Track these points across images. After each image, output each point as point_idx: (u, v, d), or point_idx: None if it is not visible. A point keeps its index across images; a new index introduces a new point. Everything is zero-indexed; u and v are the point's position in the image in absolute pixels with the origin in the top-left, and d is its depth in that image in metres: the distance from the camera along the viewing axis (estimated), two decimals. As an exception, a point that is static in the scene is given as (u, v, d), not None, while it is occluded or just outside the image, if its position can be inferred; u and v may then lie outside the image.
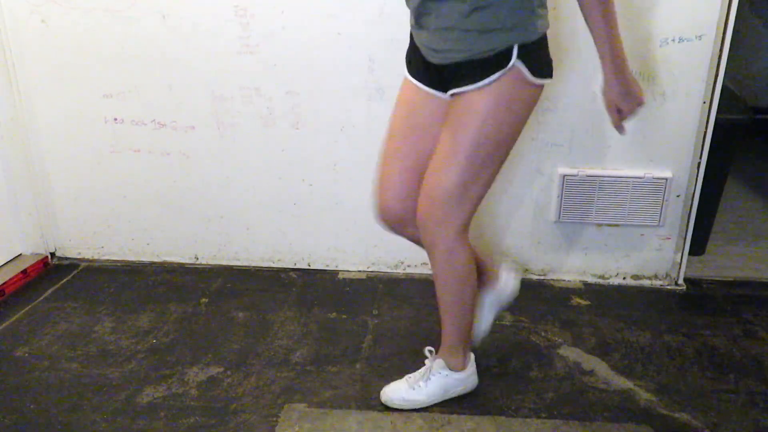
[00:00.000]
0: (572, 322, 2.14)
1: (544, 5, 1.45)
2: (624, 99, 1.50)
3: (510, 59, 1.40)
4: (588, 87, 2.14)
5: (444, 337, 1.70)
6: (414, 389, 1.70)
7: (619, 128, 1.57)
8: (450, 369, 1.71)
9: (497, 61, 1.41)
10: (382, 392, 1.72)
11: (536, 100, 1.51)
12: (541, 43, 1.46)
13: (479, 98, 1.44)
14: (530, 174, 2.28)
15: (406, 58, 1.62)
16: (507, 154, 1.53)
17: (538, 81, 1.46)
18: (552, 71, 1.51)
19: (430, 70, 1.52)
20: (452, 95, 1.48)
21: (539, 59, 1.46)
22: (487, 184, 1.53)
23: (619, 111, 1.53)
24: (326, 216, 2.42)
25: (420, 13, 1.44)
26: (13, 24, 2.23)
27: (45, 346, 1.98)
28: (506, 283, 1.84)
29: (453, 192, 1.49)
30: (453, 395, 1.73)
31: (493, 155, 1.50)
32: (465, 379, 1.74)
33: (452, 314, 1.66)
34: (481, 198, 1.55)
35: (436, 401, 1.71)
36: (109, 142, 2.36)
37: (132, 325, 2.09)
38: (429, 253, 1.61)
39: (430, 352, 1.75)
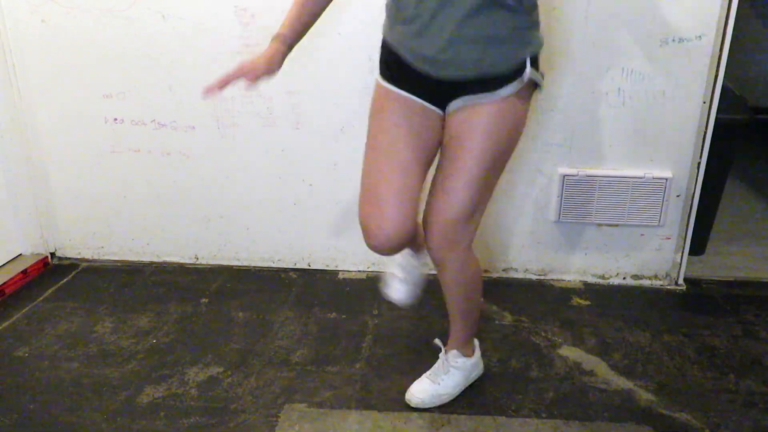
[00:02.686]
0: (572, 322, 2.14)
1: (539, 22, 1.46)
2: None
3: (523, 71, 1.41)
4: (587, 87, 2.14)
5: (456, 334, 1.74)
6: (439, 384, 1.72)
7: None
8: (465, 356, 1.75)
9: (513, 74, 1.41)
10: (409, 396, 1.71)
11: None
12: (539, 57, 1.48)
13: (495, 111, 1.41)
14: (530, 174, 2.28)
15: (390, 71, 1.49)
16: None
17: (540, 92, 1.49)
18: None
19: (424, 84, 1.44)
20: (456, 108, 1.44)
21: (540, 71, 1.47)
22: (491, 195, 1.54)
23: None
24: (326, 216, 2.42)
25: (433, 21, 1.34)
26: (13, 24, 2.23)
27: (45, 346, 1.98)
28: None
29: (468, 212, 1.48)
30: (473, 380, 1.79)
31: (501, 168, 1.51)
32: (478, 361, 1.81)
33: (466, 315, 1.69)
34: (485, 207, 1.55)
35: (460, 390, 1.75)
36: (109, 142, 2.36)
37: (132, 325, 2.09)
38: (440, 268, 1.59)
39: (439, 347, 1.76)
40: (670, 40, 2.07)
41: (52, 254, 2.54)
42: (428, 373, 1.75)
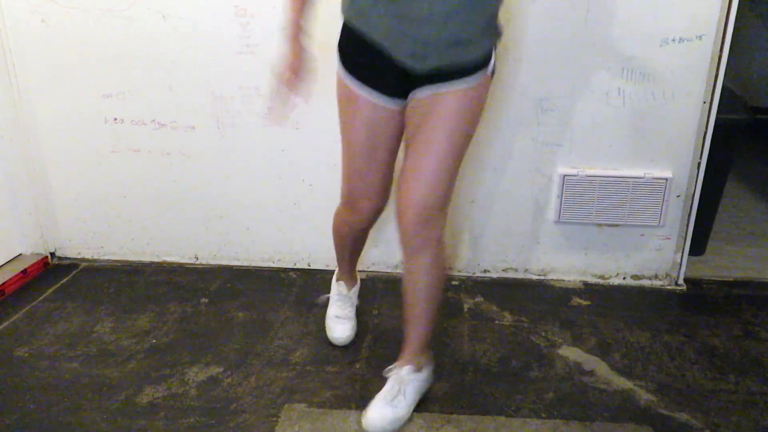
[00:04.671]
0: (572, 322, 2.14)
1: None
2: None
3: (490, 61, 1.48)
4: (588, 87, 2.14)
5: (414, 343, 1.67)
6: (397, 407, 1.62)
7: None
8: (420, 370, 1.69)
9: (482, 63, 1.47)
10: (367, 422, 1.60)
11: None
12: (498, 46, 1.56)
13: (465, 98, 1.46)
14: (530, 174, 2.28)
15: (353, 61, 1.56)
16: None
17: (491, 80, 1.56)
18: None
19: (391, 75, 1.49)
20: (419, 97, 1.49)
21: (495, 61, 1.54)
22: (455, 185, 1.59)
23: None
24: (326, 216, 2.40)
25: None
26: (13, 24, 2.22)
27: (45, 346, 1.98)
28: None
29: (441, 194, 1.51)
30: (424, 392, 1.72)
31: (463, 155, 1.55)
32: (431, 374, 1.74)
33: (429, 315, 1.65)
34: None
35: (413, 408, 1.67)
36: (109, 142, 2.36)
37: (132, 325, 2.09)
38: (413, 261, 1.56)
39: (390, 370, 1.69)
40: (670, 40, 2.07)
41: (52, 254, 2.54)
42: (383, 395, 1.64)
